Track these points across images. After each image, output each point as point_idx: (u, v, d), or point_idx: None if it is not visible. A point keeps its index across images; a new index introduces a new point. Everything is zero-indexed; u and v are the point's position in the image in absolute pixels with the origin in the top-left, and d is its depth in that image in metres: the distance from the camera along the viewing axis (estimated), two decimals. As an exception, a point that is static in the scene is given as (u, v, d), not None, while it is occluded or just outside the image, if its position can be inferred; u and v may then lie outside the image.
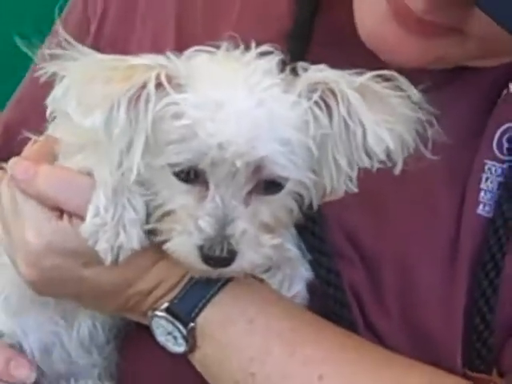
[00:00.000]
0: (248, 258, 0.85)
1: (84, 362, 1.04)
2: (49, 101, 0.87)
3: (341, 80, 0.84)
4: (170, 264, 0.90)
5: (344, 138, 0.84)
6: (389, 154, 0.84)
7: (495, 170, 1.00)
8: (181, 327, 0.92)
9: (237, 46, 0.87)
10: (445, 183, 1.00)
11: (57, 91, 0.85)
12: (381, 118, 0.83)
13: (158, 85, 0.83)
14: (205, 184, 0.85)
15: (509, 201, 0.98)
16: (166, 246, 0.86)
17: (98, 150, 0.87)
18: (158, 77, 0.83)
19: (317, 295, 0.99)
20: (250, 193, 0.85)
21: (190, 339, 0.93)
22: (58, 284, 0.94)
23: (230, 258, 0.84)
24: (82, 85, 0.84)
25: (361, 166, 0.85)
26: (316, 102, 0.84)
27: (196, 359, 0.95)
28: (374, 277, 0.99)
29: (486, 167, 1.00)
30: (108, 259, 0.88)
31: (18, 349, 1.02)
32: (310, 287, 0.99)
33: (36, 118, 0.98)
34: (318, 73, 0.85)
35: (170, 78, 0.84)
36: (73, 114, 0.83)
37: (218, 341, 0.93)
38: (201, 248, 0.84)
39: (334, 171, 0.85)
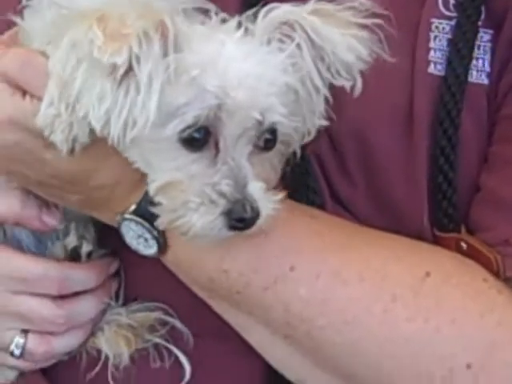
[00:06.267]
0: (265, 215, 0.85)
1: None
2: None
3: (295, 12, 0.86)
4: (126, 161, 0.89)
5: (317, 61, 0.87)
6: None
7: (443, 28, 0.98)
8: (150, 227, 0.92)
9: None
10: (394, 47, 0.96)
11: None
12: (342, 31, 0.86)
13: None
14: (213, 149, 0.85)
15: (457, 56, 0.96)
16: (183, 225, 0.85)
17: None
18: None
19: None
20: (250, 153, 0.86)
21: (161, 239, 0.93)
22: (22, 163, 0.93)
23: (255, 217, 0.84)
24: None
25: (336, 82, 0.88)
26: (281, 40, 0.86)
27: (169, 260, 0.95)
28: (337, 148, 0.99)
29: (434, 26, 0.98)
30: (64, 149, 0.87)
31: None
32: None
33: None
34: (274, 13, 0.87)
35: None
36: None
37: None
38: (228, 213, 0.83)
39: (309, 110, 0.89)
